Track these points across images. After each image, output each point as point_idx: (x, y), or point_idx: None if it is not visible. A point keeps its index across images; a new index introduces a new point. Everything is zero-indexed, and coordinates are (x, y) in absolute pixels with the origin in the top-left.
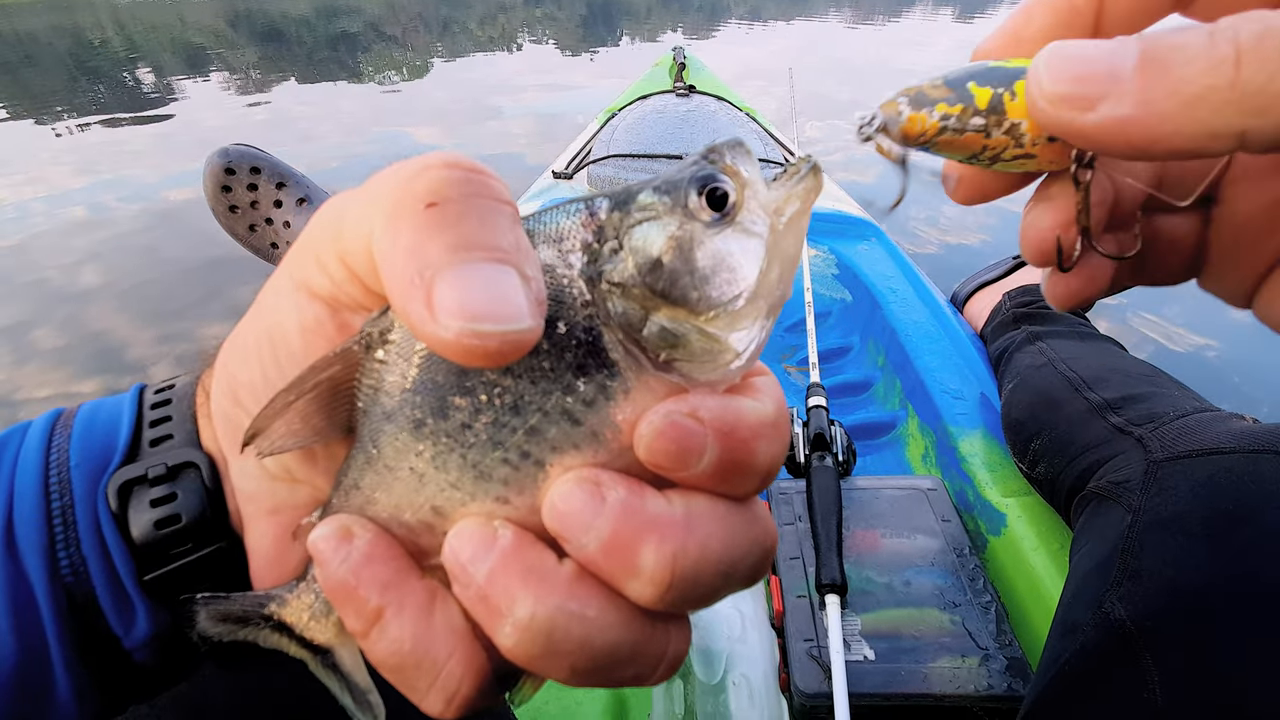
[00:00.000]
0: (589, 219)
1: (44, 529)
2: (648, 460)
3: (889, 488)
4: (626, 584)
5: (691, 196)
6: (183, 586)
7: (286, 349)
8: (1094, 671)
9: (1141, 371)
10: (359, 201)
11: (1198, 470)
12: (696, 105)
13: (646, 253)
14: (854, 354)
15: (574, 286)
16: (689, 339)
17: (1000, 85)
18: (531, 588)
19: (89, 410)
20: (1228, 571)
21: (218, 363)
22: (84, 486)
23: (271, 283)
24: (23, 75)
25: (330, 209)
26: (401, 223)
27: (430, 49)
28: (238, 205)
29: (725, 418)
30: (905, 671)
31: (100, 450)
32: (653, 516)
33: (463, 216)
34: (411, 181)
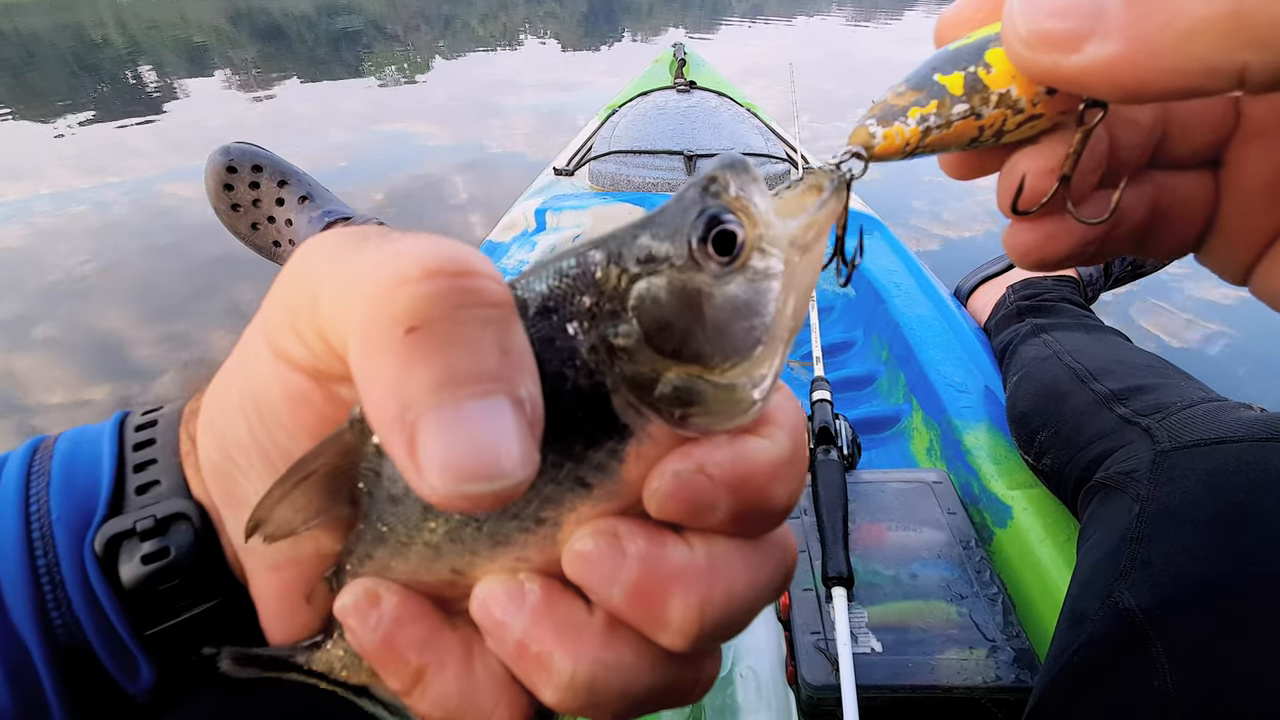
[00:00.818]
0: (583, 278)
1: (31, 587)
2: (660, 516)
3: (894, 481)
4: (657, 635)
5: (695, 244)
6: (185, 636)
7: (273, 416)
8: (1103, 661)
9: (1147, 363)
10: (336, 277)
11: (1206, 459)
12: (697, 101)
13: (650, 314)
14: (858, 348)
15: (576, 358)
16: (704, 394)
17: (969, 63)
18: (568, 644)
19: (67, 449)
20: (1237, 559)
21: (202, 412)
22: (68, 543)
23: (250, 340)
24: (25, 74)
25: (304, 271)
26: (380, 350)
27: (432, 46)
28: (240, 204)
29: (736, 470)
30: (913, 663)
31: (82, 498)
32: (675, 567)
33: (447, 342)
34: (389, 299)
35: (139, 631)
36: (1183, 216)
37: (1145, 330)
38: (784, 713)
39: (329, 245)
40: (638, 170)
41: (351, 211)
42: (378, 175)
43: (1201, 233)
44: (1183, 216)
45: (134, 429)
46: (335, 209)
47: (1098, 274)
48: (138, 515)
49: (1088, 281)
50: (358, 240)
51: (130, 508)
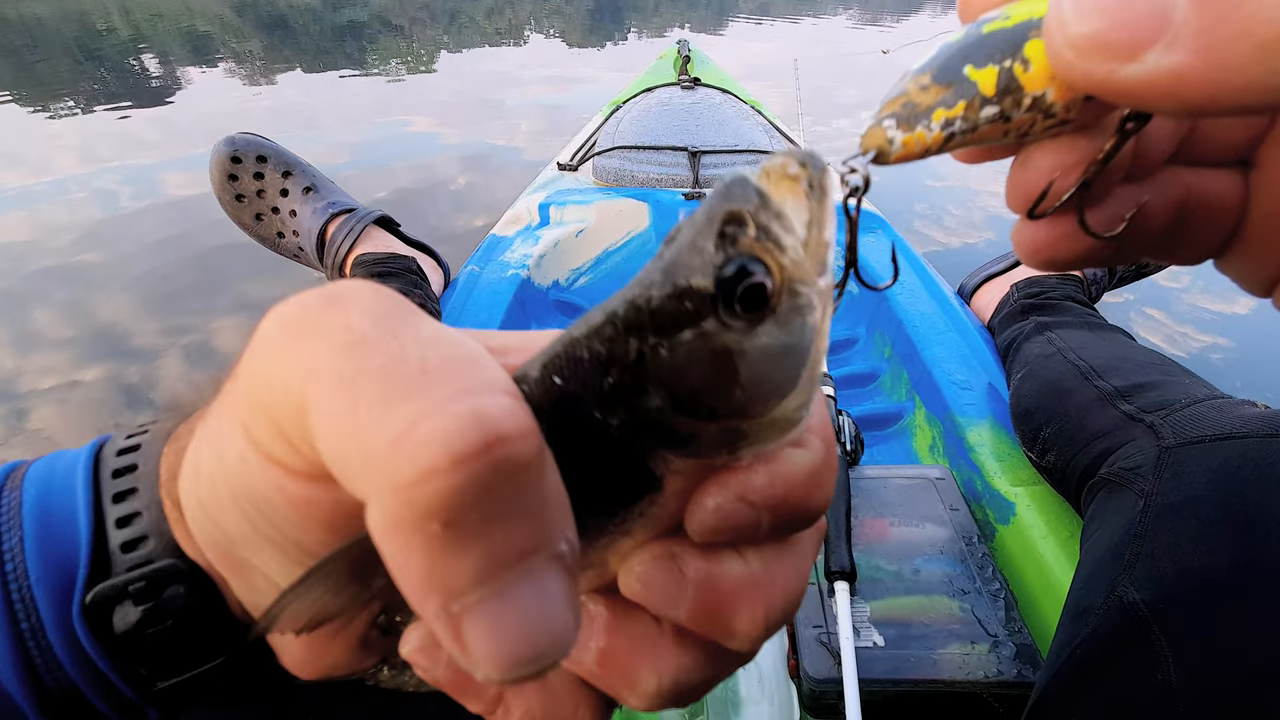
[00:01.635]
0: (601, 358)
1: (17, 650)
2: (706, 543)
3: (897, 477)
4: (726, 642)
5: (721, 308)
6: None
7: (278, 516)
8: (1107, 655)
9: (1151, 360)
10: (332, 407)
11: (1210, 455)
12: (701, 98)
13: (678, 386)
14: (861, 345)
15: (607, 438)
16: (748, 435)
17: (1006, 55)
18: (645, 660)
19: (37, 496)
20: (1242, 554)
21: (186, 491)
22: (51, 606)
23: (227, 436)
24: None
25: (281, 373)
26: (411, 543)
27: (437, 40)
28: (244, 194)
29: (775, 490)
30: (915, 658)
31: (61, 556)
32: (734, 583)
33: (484, 527)
34: (417, 492)
35: (141, 687)
36: (1208, 220)
37: (1144, 339)
38: (786, 705)
39: (310, 347)
40: (641, 166)
41: (355, 203)
42: (381, 168)
43: (1226, 239)
44: (1208, 220)
45: (111, 475)
46: (339, 201)
47: (1102, 273)
48: (128, 577)
49: (1092, 280)
50: (345, 348)
51: (117, 566)
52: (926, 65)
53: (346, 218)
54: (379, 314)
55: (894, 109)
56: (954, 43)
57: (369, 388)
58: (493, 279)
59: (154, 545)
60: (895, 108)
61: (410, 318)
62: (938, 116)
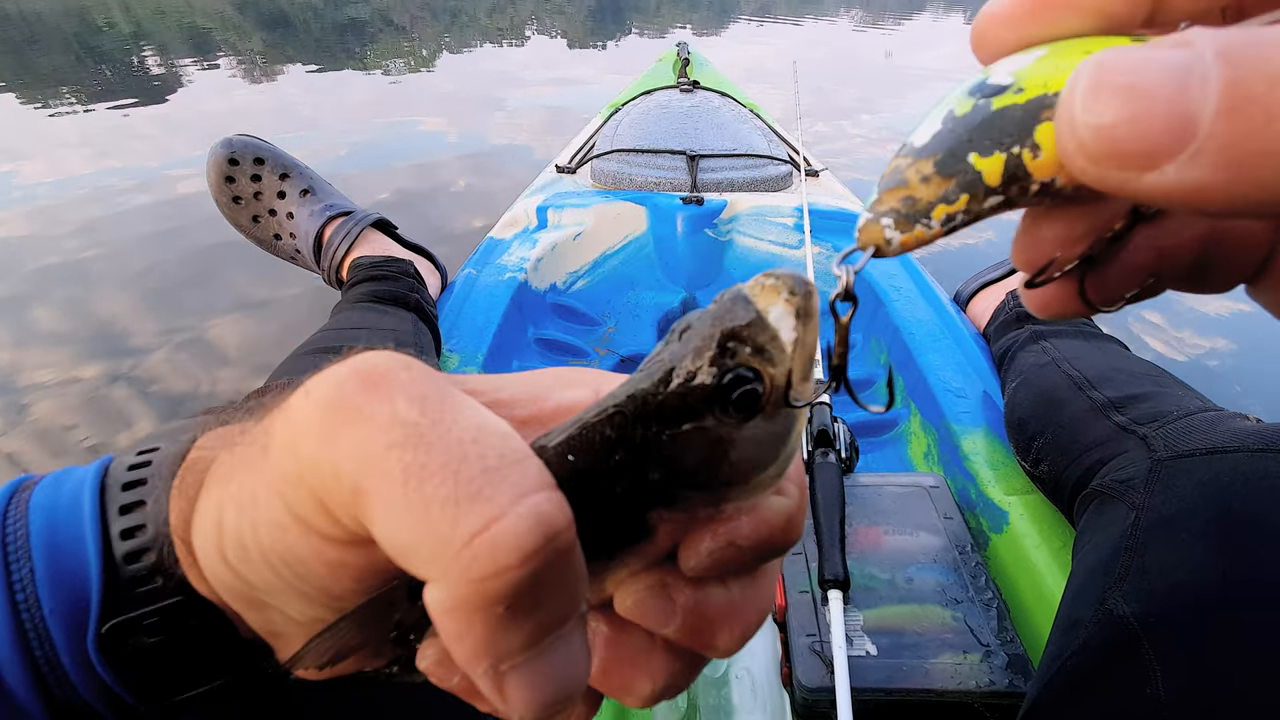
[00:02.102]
0: (615, 437)
1: (30, 672)
2: (695, 577)
3: (891, 485)
4: (709, 653)
5: (717, 410)
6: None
7: (311, 575)
8: (1097, 667)
9: (1145, 371)
10: (393, 498)
11: (1202, 469)
12: (700, 101)
13: (676, 465)
14: (856, 351)
15: (612, 500)
16: (733, 496)
17: (1015, 141)
18: (641, 669)
19: (45, 524)
20: (1232, 569)
21: (204, 545)
22: (65, 635)
23: (259, 501)
24: (28, 57)
25: (329, 453)
26: (473, 620)
27: (438, 39)
28: (241, 196)
29: (760, 534)
30: (907, 667)
31: (72, 586)
32: (719, 607)
33: (537, 606)
34: (488, 584)
35: (151, 701)
36: (1237, 252)
37: (1143, 342)
38: (778, 714)
39: (360, 435)
40: (640, 169)
41: (353, 206)
42: (382, 167)
43: (1259, 268)
44: (1237, 252)
45: (118, 511)
46: (336, 203)
47: None
48: (143, 611)
49: None
50: (402, 443)
51: (128, 600)
52: (929, 149)
53: (344, 220)
54: (421, 400)
55: (893, 204)
56: (960, 118)
57: (439, 487)
58: (490, 282)
59: (164, 586)
60: (894, 202)
61: (448, 401)
62: (938, 214)
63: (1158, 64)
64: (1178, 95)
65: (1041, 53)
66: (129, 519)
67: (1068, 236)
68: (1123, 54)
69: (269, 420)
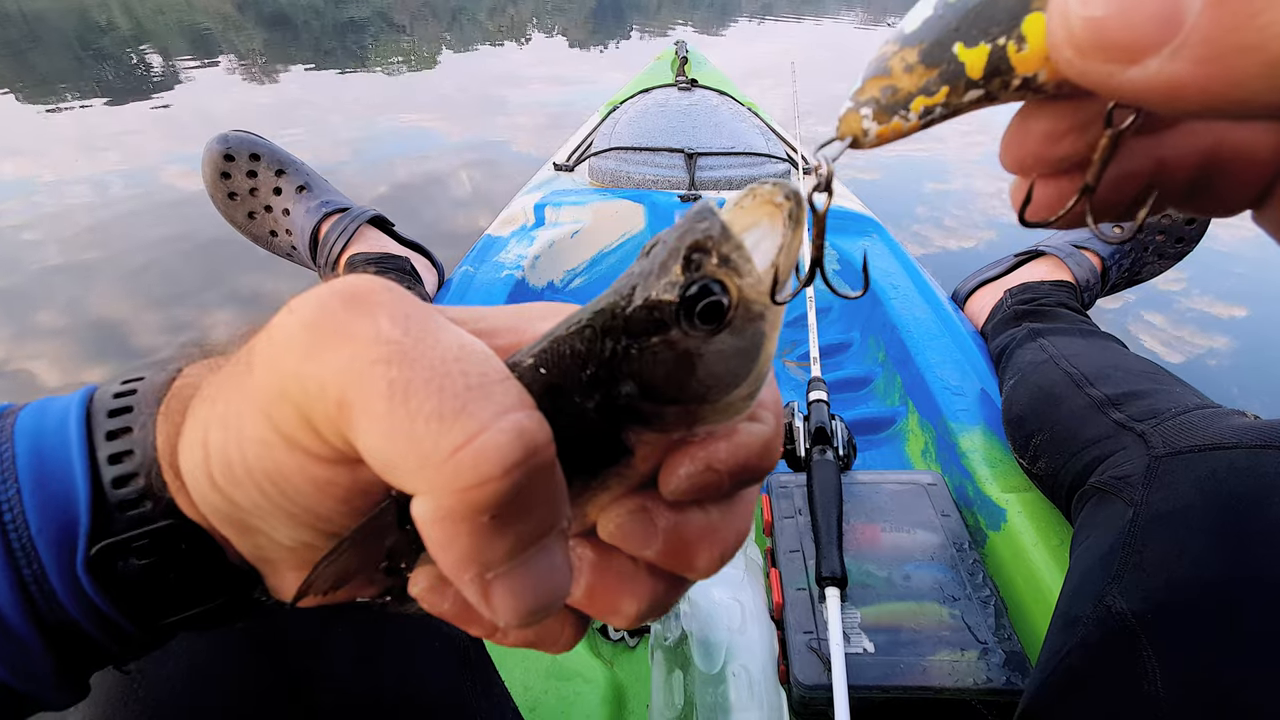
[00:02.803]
0: (585, 350)
1: (19, 593)
2: (676, 501)
3: (889, 482)
4: (688, 574)
5: (683, 321)
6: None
7: (297, 494)
8: (1094, 664)
9: (1143, 369)
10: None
11: (1200, 465)
12: (698, 99)
13: (645, 378)
14: (854, 349)
15: (586, 416)
16: (705, 416)
17: (1002, 32)
18: (625, 591)
19: (31, 448)
20: (1230, 566)
21: (191, 464)
22: (53, 556)
23: (244, 419)
24: (29, 56)
25: (314, 369)
26: (460, 529)
27: (438, 39)
28: (237, 192)
29: (737, 458)
30: (904, 664)
31: (60, 508)
32: (698, 530)
33: (519, 516)
34: (474, 494)
35: (141, 623)
36: (1243, 171)
37: (1140, 342)
38: (776, 712)
39: (345, 353)
40: (638, 167)
41: (349, 202)
42: (382, 166)
43: (1264, 190)
44: (1243, 171)
45: (105, 436)
46: (332, 199)
47: (1095, 280)
48: (131, 534)
49: (1084, 287)
50: (386, 359)
51: (118, 521)
52: (916, 36)
53: (340, 217)
54: (405, 319)
55: (874, 94)
56: (953, 4)
57: (424, 402)
58: (487, 279)
59: (154, 509)
60: (875, 92)
61: (430, 322)
62: (916, 106)
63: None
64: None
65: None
66: (116, 444)
67: (1053, 132)
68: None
69: (253, 341)
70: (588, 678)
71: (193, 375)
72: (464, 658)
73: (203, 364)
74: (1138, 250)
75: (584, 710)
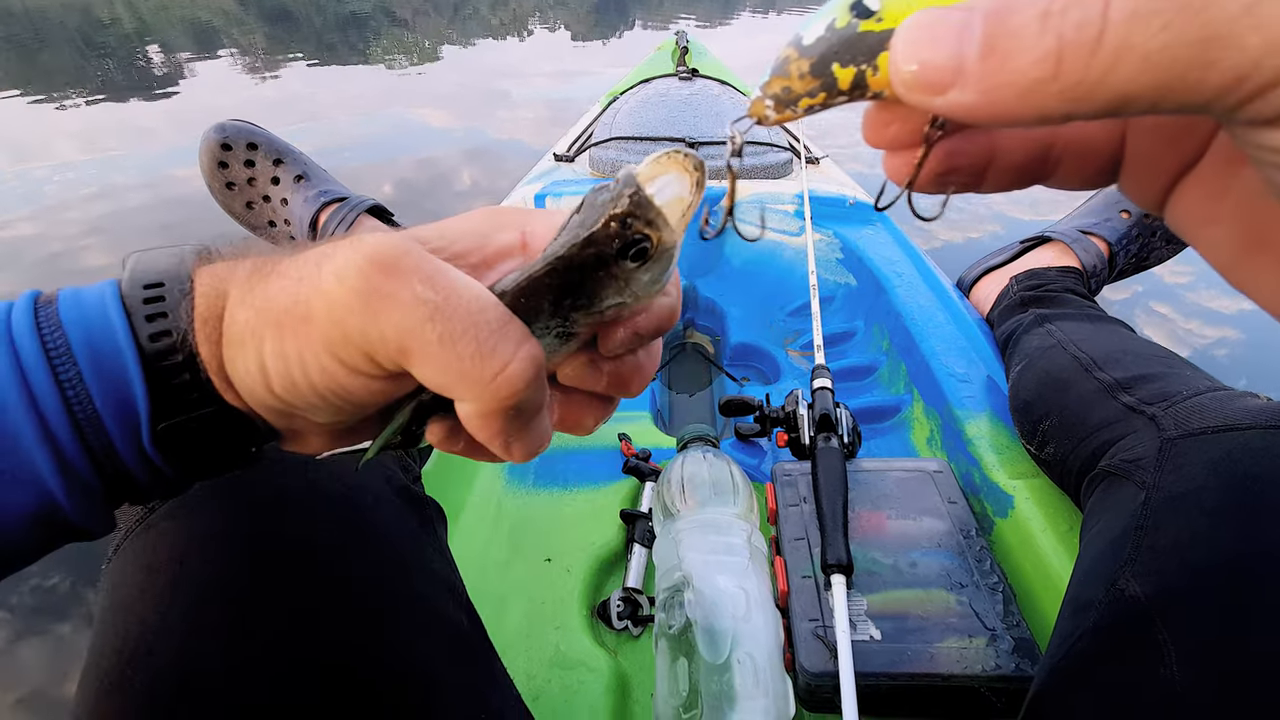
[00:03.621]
0: (550, 282)
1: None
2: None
3: (895, 470)
4: (625, 395)
5: (619, 259)
6: None
7: (353, 397)
8: (1108, 648)
9: (1153, 352)
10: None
11: (1213, 447)
12: (699, 89)
13: (595, 294)
14: (858, 338)
15: (554, 320)
16: (630, 306)
17: (864, 60)
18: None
19: (82, 335)
20: (1245, 546)
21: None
22: (117, 426)
23: (305, 353)
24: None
25: (376, 323)
26: (496, 419)
27: (441, 33)
28: (234, 182)
29: (652, 323)
30: (911, 651)
31: (117, 387)
32: (630, 368)
33: (529, 406)
34: (508, 402)
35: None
36: (1084, 153)
37: (1150, 334)
38: (782, 699)
39: (398, 314)
40: (638, 157)
41: (348, 192)
42: (384, 160)
43: (1113, 167)
44: (1084, 153)
45: (149, 339)
46: (331, 189)
47: (1103, 265)
48: (188, 417)
49: (1091, 273)
50: (431, 316)
51: (173, 405)
52: (809, 50)
53: (339, 206)
54: (430, 280)
55: (776, 90)
56: (836, 30)
57: (465, 347)
58: None
59: (198, 398)
60: (777, 89)
61: (445, 275)
62: (803, 104)
63: (947, 23)
64: (956, 45)
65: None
66: (159, 344)
67: (891, 122)
68: (928, 14)
69: (301, 293)
70: (591, 667)
71: (208, 284)
72: (468, 647)
73: (214, 275)
74: (1145, 235)
75: (588, 699)
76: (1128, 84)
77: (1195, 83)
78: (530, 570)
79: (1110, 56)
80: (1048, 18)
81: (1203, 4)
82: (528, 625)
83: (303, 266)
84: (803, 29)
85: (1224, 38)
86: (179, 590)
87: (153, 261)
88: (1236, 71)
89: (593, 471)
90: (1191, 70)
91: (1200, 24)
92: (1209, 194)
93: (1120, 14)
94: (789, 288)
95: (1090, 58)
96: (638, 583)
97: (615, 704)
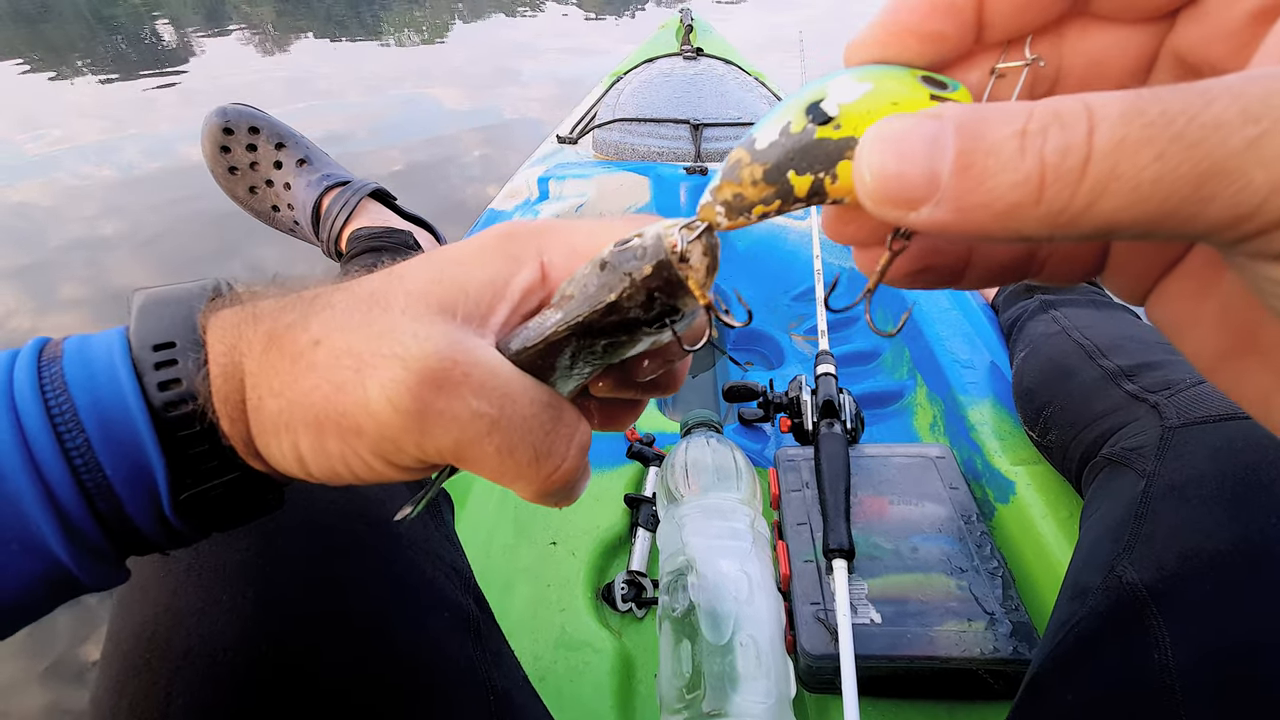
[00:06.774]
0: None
1: (93, 519)
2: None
3: (898, 455)
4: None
5: (650, 325)
6: None
7: (386, 479)
8: (1105, 634)
9: (1157, 340)
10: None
11: (1213, 436)
12: (704, 68)
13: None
14: (862, 323)
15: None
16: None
17: (822, 169)
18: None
19: (89, 398)
20: (1243, 535)
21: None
22: (131, 493)
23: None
24: (41, 28)
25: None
26: (543, 499)
27: (451, 9)
28: (237, 166)
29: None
30: (911, 635)
31: (129, 454)
32: (658, 384)
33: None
34: (556, 494)
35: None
36: (1070, 259)
37: None
38: (783, 680)
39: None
40: (642, 139)
41: (350, 176)
42: (394, 138)
43: (1100, 265)
44: (1070, 259)
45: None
46: (334, 173)
47: None
48: (209, 485)
49: None
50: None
51: (190, 470)
52: (763, 156)
53: (341, 190)
54: (484, 392)
55: (727, 197)
56: (792, 136)
57: (524, 453)
58: None
59: (218, 465)
60: (728, 195)
61: (497, 382)
62: (757, 211)
63: (917, 134)
64: (927, 160)
65: (868, 87)
66: (175, 413)
67: (852, 222)
68: (895, 124)
69: (344, 406)
70: (596, 648)
71: (222, 354)
72: (474, 629)
73: (225, 339)
74: None
75: (593, 679)
76: (1116, 213)
77: (1191, 216)
78: (536, 554)
79: (1097, 186)
80: (1026, 137)
81: (1199, 135)
82: (533, 607)
83: (335, 365)
84: (755, 129)
85: (1226, 173)
86: (195, 574)
87: (160, 310)
88: (1239, 209)
89: (597, 456)
90: (1187, 204)
91: (1198, 156)
92: (1192, 292)
93: (1107, 142)
94: (793, 272)
95: (1075, 185)
96: (642, 566)
97: (620, 684)
